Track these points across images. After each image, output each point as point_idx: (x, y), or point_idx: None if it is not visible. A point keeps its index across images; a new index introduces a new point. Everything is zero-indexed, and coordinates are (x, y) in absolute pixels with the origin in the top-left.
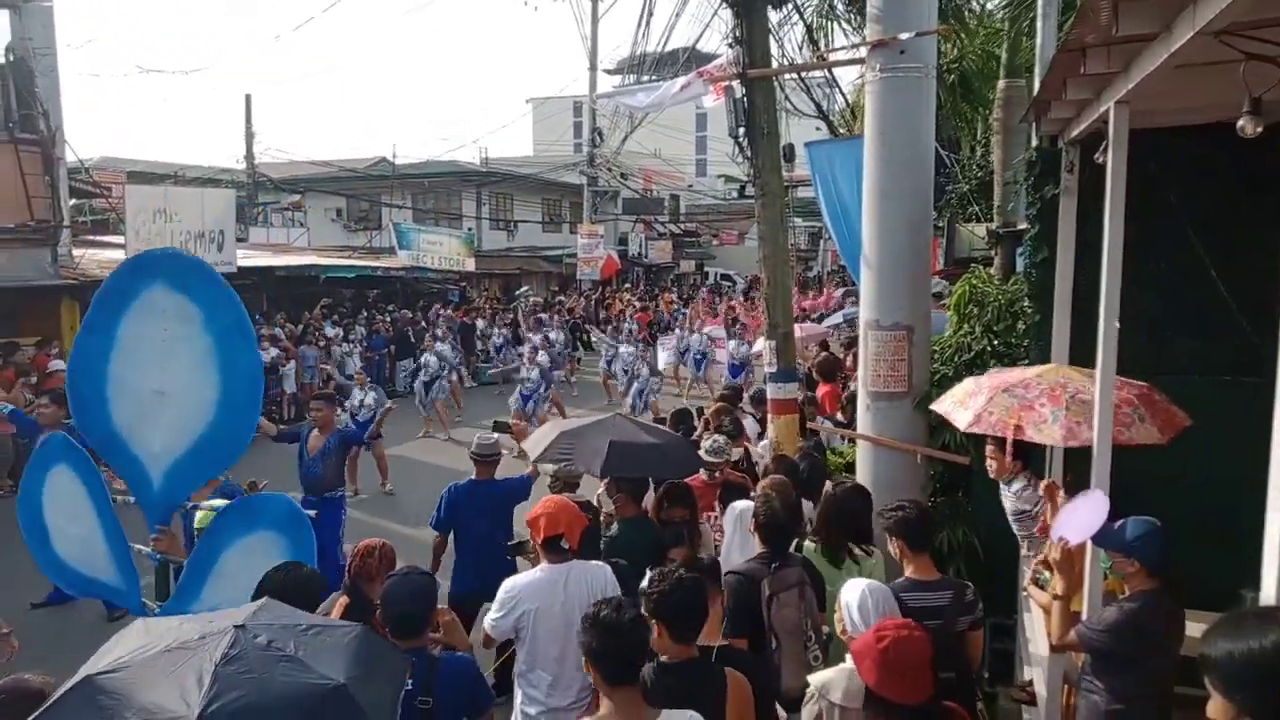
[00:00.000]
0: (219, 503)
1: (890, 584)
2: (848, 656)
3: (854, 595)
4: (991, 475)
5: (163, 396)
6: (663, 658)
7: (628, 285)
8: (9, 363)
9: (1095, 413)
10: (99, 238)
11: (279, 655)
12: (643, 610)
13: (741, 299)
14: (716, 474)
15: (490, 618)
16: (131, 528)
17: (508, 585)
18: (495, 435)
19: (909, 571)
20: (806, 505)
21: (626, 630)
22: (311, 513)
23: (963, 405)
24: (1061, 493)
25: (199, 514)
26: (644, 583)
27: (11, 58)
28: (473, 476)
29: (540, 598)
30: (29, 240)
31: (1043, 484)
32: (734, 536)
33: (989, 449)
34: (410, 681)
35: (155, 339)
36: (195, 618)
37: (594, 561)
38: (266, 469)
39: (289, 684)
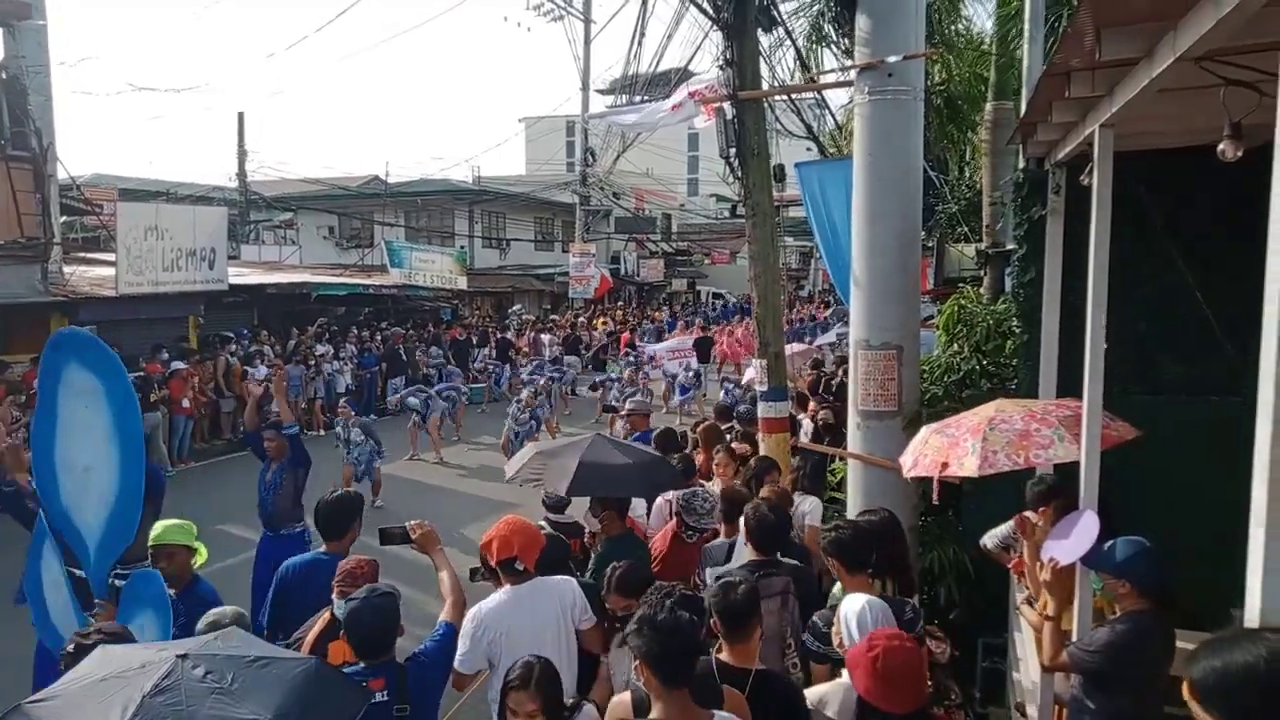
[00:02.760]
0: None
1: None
2: (844, 672)
3: (854, 609)
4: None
5: (89, 472)
6: None
7: (620, 303)
8: (0, 380)
9: (1083, 434)
10: (90, 255)
11: (213, 687)
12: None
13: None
14: (694, 538)
15: (458, 655)
16: None
17: (471, 615)
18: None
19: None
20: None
21: (687, 631)
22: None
23: (912, 452)
24: (1038, 522)
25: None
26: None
27: (4, 75)
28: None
29: (508, 620)
30: (20, 257)
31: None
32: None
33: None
34: (385, 693)
35: (80, 417)
36: (150, 645)
37: (558, 576)
38: (230, 501)
39: (213, 718)
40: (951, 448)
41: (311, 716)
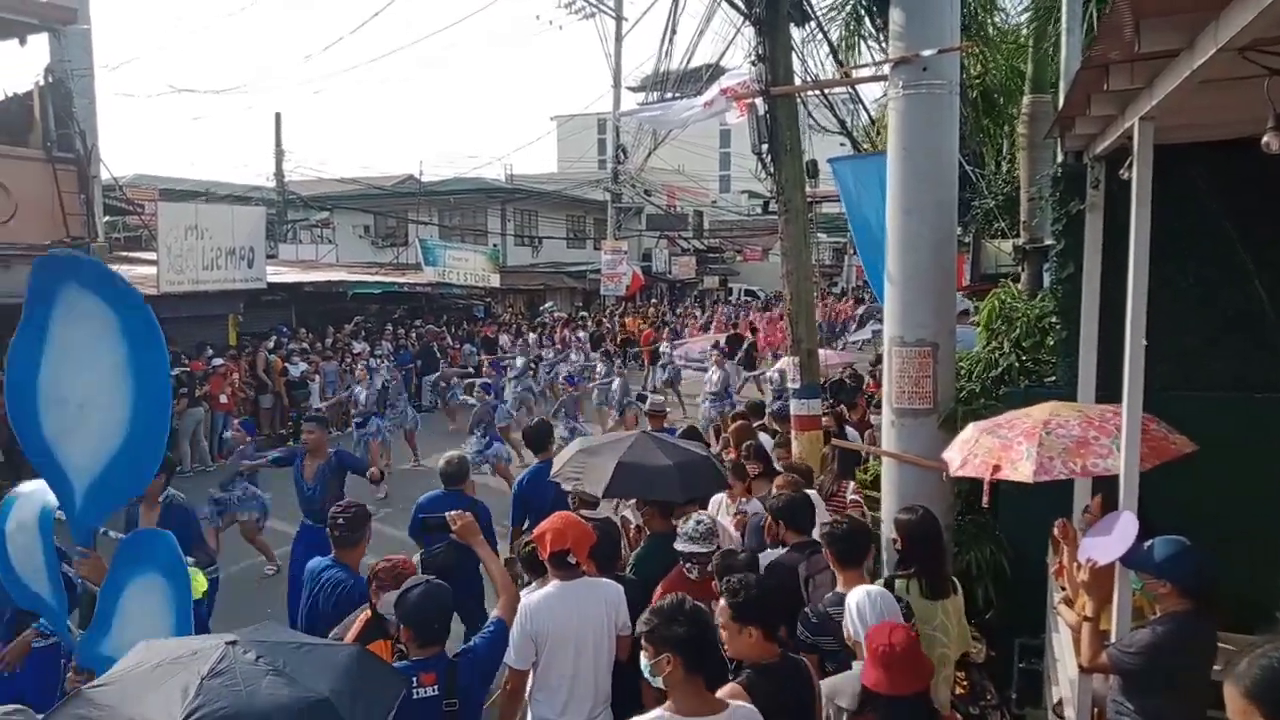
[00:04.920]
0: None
1: (824, 597)
2: (854, 664)
3: (855, 600)
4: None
5: (84, 409)
6: (763, 660)
7: (654, 301)
8: None
9: (1123, 434)
10: (132, 254)
11: (267, 669)
12: (728, 616)
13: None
14: (703, 570)
15: (511, 654)
16: None
17: (520, 608)
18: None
19: (840, 585)
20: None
21: (708, 620)
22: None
23: (959, 450)
24: (1076, 528)
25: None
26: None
27: (50, 79)
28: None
29: (554, 614)
30: None
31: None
32: None
33: None
34: (435, 687)
35: (78, 345)
36: (193, 637)
37: (603, 579)
38: (271, 489)
39: (273, 696)
40: (1004, 450)
41: (362, 697)
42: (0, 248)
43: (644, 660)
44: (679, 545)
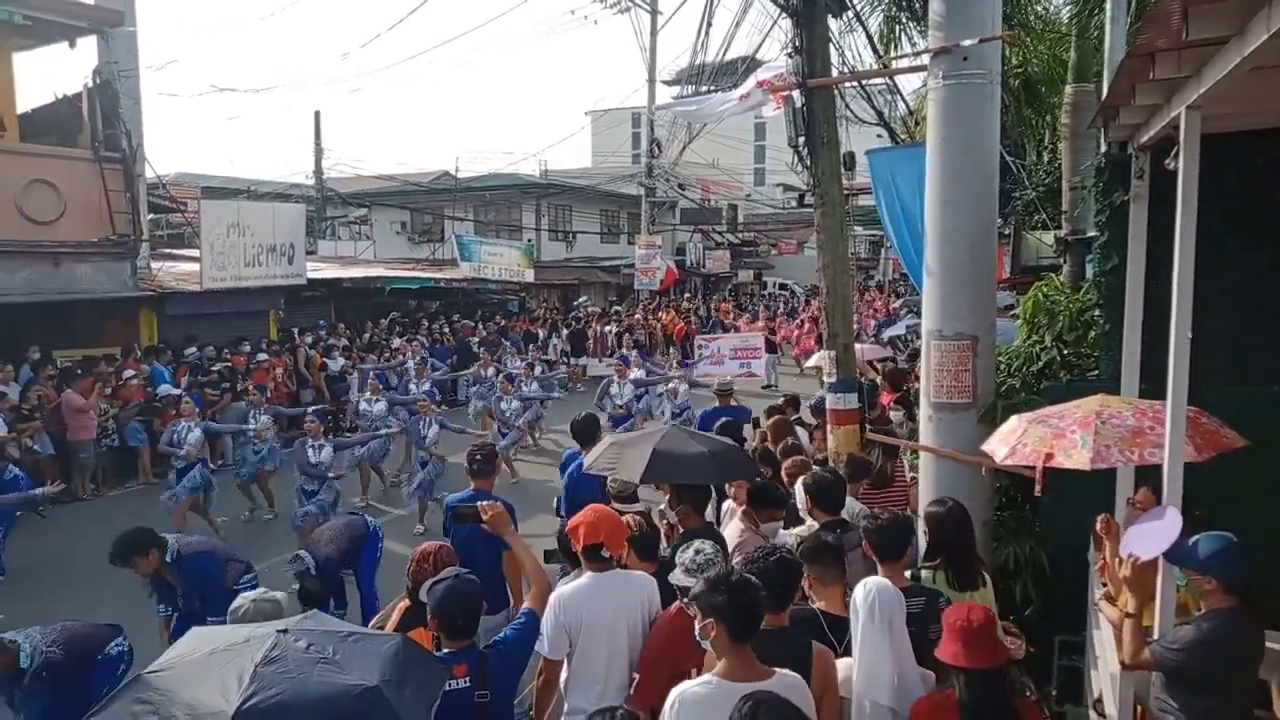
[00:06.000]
0: None
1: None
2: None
3: (857, 593)
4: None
5: None
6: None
7: (687, 295)
8: (89, 373)
9: (1167, 428)
10: (175, 251)
11: (318, 657)
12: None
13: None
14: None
15: (544, 643)
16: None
17: (554, 599)
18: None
19: (879, 574)
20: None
21: (756, 589)
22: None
23: (1004, 441)
24: (1119, 525)
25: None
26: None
27: (98, 80)
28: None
29: (588, 606)
30: (111, 254)
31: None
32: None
33: None
34: (467, 679)
35: None
36: (244, 625)
37: (637, 571)
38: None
39: (324, 684)
40: (1057, 438)
41: (410, 684)
42: (50, 246)
43: (696, 624)
44: (675, 578)
